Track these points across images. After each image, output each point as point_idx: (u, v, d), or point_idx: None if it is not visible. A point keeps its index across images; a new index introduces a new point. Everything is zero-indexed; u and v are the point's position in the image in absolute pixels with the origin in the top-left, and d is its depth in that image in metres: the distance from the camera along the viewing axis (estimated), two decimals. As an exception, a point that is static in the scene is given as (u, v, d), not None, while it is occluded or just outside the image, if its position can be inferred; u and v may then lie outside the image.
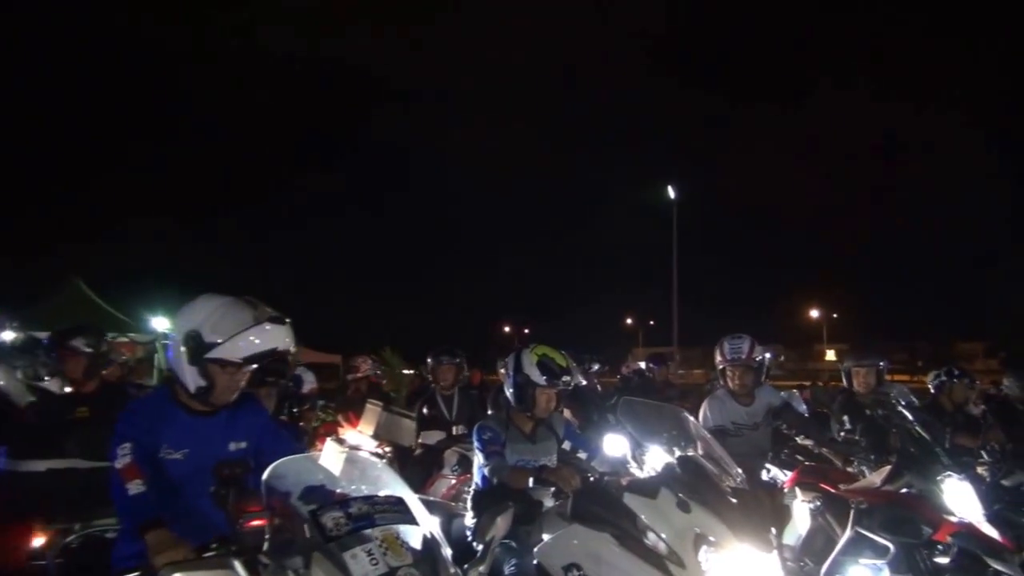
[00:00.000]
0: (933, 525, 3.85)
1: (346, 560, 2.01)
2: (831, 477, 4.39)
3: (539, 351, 3.92)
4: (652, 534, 2.90)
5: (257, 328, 2.56)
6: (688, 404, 6.02)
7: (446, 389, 6.74)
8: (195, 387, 2.60)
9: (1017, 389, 7.22)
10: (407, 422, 6.04)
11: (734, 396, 5.09)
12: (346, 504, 2.15)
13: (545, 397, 3.86)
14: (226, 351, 2.54)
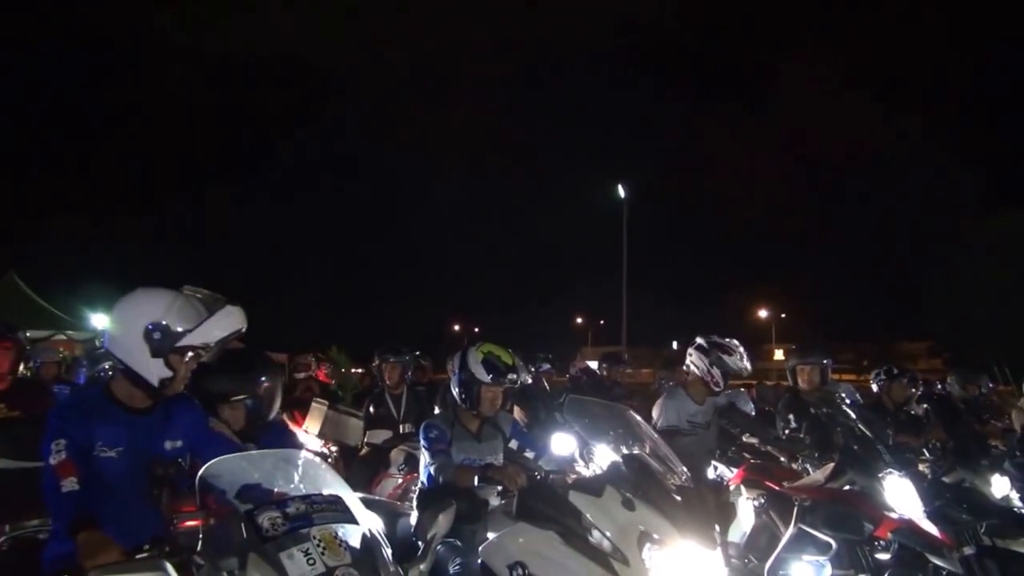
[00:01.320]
0: (874, 522, 3.97)
1: (282, 560, 2.00)
2: (776, 475, 4.50)
3: (484, 349, 3.94)
4: (597, 532, 2.94)
5: (222, 312, 2.63)
6: (634, 403, 6.11)
7: (394, 388, 6.74)
8: (159, 379, 2.59)
9: (959, 388, 7.50)
10: (353, 421, 6.02)
11: (689, 394, 5.20)
12: (283, 503, 2.14)
13: (491, 395, 3.89)
14: (198, 337, 2.59)
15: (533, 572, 2.96)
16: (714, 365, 5.13)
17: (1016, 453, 5.80)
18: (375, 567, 2.15)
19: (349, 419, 6.00)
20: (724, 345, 5.18)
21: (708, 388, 5.18)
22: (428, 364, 9.76)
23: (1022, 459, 5.70)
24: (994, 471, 5.05)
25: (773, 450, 4.87)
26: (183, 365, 2.61)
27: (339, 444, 6.01)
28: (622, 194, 27.46)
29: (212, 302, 2.66)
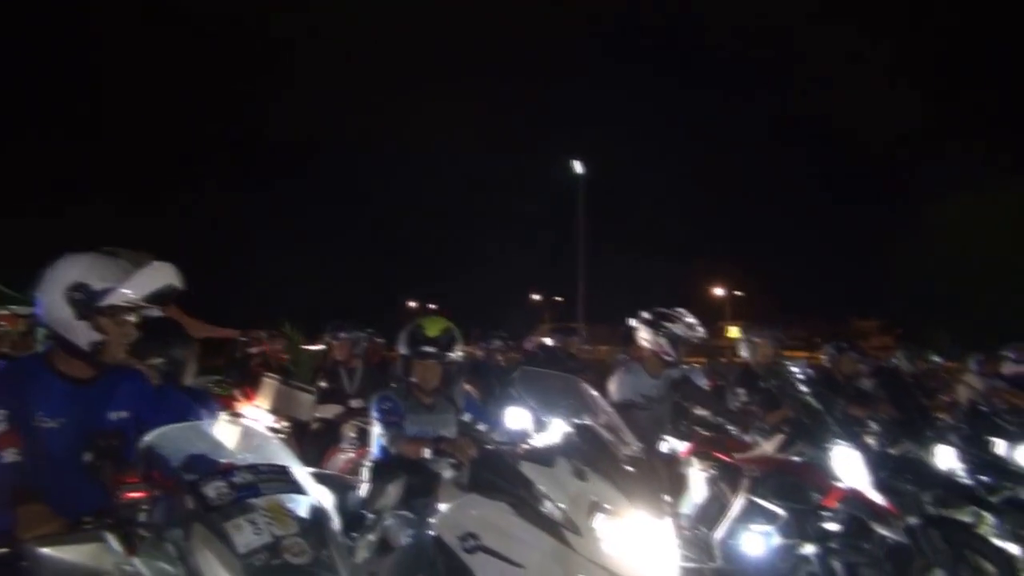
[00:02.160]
0: (822, 492, 4.11)
1: (228, 530, 1.99)
2: (727, 447, 4.60)
3: (419, 322, 3.98)
4: (548, 502, 2.98)
5: (148, 267, 2.56)
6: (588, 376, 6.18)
7: (348, 363, 6.74)
8: (89, 343, 2.53)
9: (907, 363, 7.73)
10: (305, 396, 6.01)
11: (645, 368, 5.28)
12: (229, 473, 2.13)
13: (421, 368, 3.94)
14: (122, 295, 2.51)
15: (485, 543, 2.99)
16: (660, 335, 5.22)
17: (961, 426, 6.01)
18: (323, 537, 2.16)
19: (300, 394, 6.00)
20: (667, 314, 5.28)
21: (660, 359, 5.27)
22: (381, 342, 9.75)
23: (966, 431, 5.92)
24: (939, 443, 5.23)
25: (725, 422, 4.98)
26: (113, 327, 2.55)
27: (291, 419, 6.00)
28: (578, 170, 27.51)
29: (138, 260, 2.60)
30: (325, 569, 2.09)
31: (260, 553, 2.01)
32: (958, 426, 5.99)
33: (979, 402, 7.08)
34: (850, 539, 4.27)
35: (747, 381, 5.55)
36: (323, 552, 2.13)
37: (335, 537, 2.21)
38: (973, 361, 9.26)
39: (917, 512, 4.64)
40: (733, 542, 4.19)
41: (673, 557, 3.07)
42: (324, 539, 2.16)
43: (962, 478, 5.37)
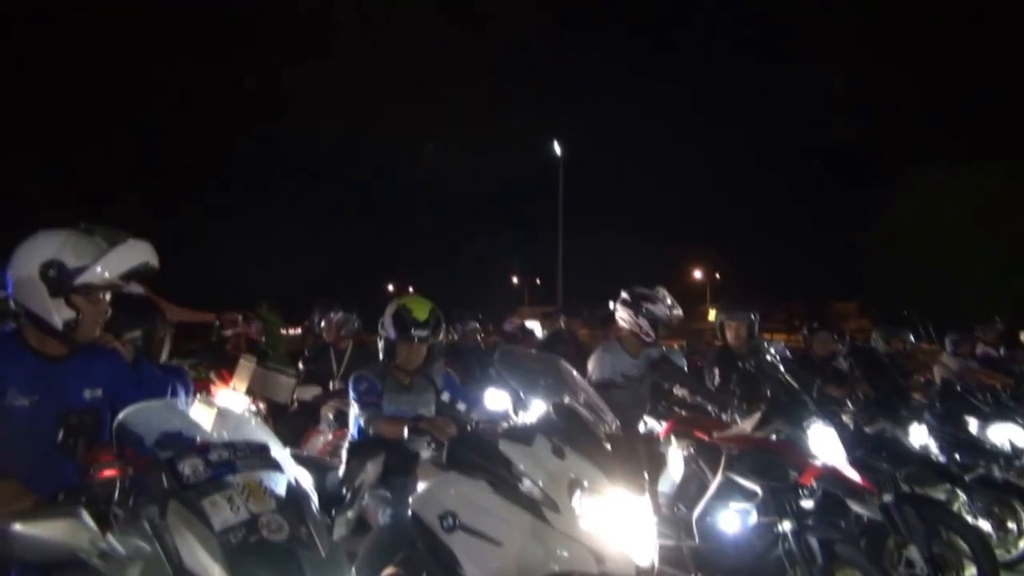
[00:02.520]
0: (799, 469, 4.16)
1: (204, 507, 1.99)
2: (705, 425, 4.65)
3: (401, 302, 3.98)
4: (527, 480, 3.00)
5: (124, 245, 2.54)
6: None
7: (337, 344, 6.75)
8: (62, 321, 2.51)
9: (883, 343, 7.85)
10: (283, 378, 6.00)
11: (625, 348, 5.32)
12: (205, 450, 2.13)
13: (406, 349, 3.95)
14: (96, 274, 2.49)
15: (464, 521, 3.01)
16: (640, 316, 5.26)
17: (935, 404, 6.13)
18: (301, 514, 2.16)
19: (278, 376, 5.98)
20: (647, 295, 5.32)
21: (640, 340, 5.31)
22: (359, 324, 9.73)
23: (941, 410, 6.03)
24: (913, 422, 5.32)
25: (703, 401, 5.03)
26: (88, 306, 2.54)
27: (268, 401, 5.98)
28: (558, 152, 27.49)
29: (113, 237, 2.56)
30: (303, 546, 2.09)
31: (237, 530, 2.01)
32: (933, 405, 6.10)
33: (953, 382, 7.21)
34: (826, 516, 4.33)
35: (723, 361, 5.62)
36: (301, 529, 2.13)
37: (313, 514, 2.22)
38: (948, 341, 9.42)
39: (892, 489, 4.72)
40: (711, 520, 4.25)
41: (651, 534, 3.10)
42: (302, 516, 2.17)
43: (936, 456, 5.48)
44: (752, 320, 5.93)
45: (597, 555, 2.87)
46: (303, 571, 2.05)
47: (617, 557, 2.90)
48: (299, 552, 2.07)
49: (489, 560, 2.95)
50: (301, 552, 2.08)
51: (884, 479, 4.72)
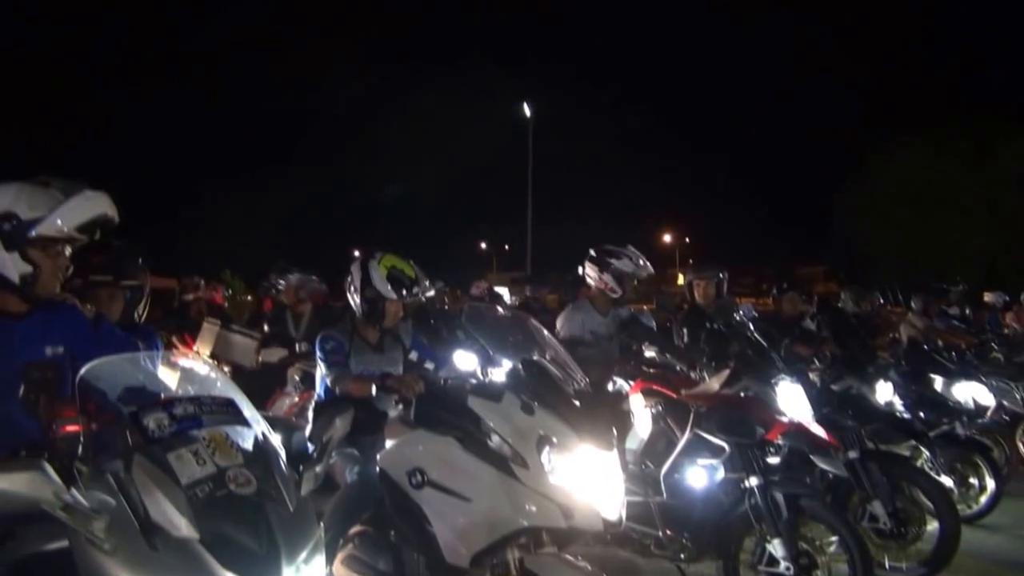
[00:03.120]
0: (766, 426, 4.26)
1: (170, 461, 2.00)
2: (673, 383, 4.73)
3: (387, 263, 3.98)
4: (496, 436, 3.04)
5: (80, 196, 2.50)
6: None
7: (295, 307, 6.72)
8: (19, 276, 2.48)
9: (852, 304, 8.00)
10: (248, 341, 5.96)
11: (594, 306, 5.38)
12: (170, 405, 2.13)
13: (394, 307, 3.99)
14: (52, 225, 2.46)
15: (432, 477, 3.05)
16: (605, 272, 5.33)
17: (901, 363, 6.28)
18: (268, 468, 2.18)
19: (242, 339, 5.94)
20: (612, 251, 5.39)
21: (608, 297, 5.37)
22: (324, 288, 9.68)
23: (906, 368, 6.19)
24: (879, 379, 5.45)
25: (672, 360, 5.11)
26: (46, 260, 2.51)
27: (232, 365, 5.96)
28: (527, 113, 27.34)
29: (70, 189, 2.52)
30: (271, 500, 2.12)
31: (204, 484, 2.03)
32: (899, 364, 6.25)
33: (919, 341, 7.39)
34: (792, 472, 4.45)
35: (692, 320, 5.70)
36: (269, 483, 2.16)
37: (281, 468, 2.24)
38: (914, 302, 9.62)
39: (857, 446, 4.86)
40: (678, 476, 4.34)
41: (619, 489, 3.16)
42: (270, 470, 2.19)
43: (901, 413, 5.62)
44: (721, 279, 6.02)
45: (565, 510, 2.92)
46: (271, 525, 2.07)
47: (585, 512, 2.96)
48: (267, 506, 2.10)
49: (458, 516, 3.00)
50: (269, 506, 2.10)
51: (850, 436, 4.86)
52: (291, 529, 2.12)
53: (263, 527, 2.05)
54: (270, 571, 2.00)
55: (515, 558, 2.92)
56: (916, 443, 5.58)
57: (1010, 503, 6.19)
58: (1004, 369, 7.57)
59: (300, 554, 2.11)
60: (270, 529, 2.06)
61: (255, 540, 2.03)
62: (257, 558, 2.01)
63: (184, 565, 1.92)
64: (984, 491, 5.92)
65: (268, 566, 2.00)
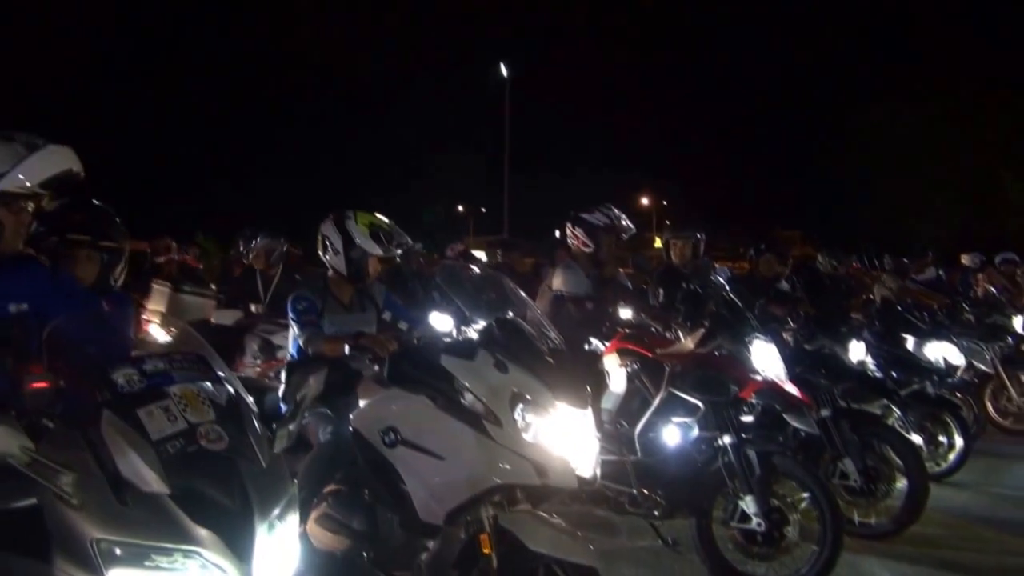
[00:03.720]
0: (740, 384, 4.33)
1: (140, 417, 2.01)
2: (648, 343, 4.77)
3: (364, 220, 3.96)
4: (469, 394, 3.05)
5: (43, 151, 2.45)
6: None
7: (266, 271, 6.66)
8: None
9: (828, 264, 8.09)
10: (201, 300, 5.83)
11: (581, 267, 5.40)
12: (140, 361, 2.13)
13: (374, 263, 3.98)
14: (14, 181, 2.41)
15: (405, 436, 3.06)
16: (577, 226, 5.35)
17: (875, 323, 6.37)
18: (241, 425, 2.19)
19: (196, 299, 5.79)
20: (589, 209, 5.40)
21: (591, 259, 5.39)
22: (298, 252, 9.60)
23: (879, 328, 6.28)
24: (852, 339, 5.53)
25: (647, 318, 5.15)
26: (9, 216, 2.47)
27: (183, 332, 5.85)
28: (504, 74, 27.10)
29: (33, 143, 2.47)
30: (243, 456, 2.13)
31: (174, 440, 2.04)
32: (872, 324, 6.35)
33: (893, 301, 7.50)
34: (765, 430, 4.53)
35: (668, 280, 5.75)
36: (241, 439, 2.17)
37: (253, 425, 2.25)
38: (888, 263, 9.76)
39: (829, 404, 4.95)
40: (653, 435, 4.40)
41: (593, 447, 3.20)
42: (242, 427, 2.20)
43: (873, 372, 5.72)
44: (698, 239, 6.07)
45: (539, 467, 2.95)
46: (243, 481, 2.09)
47: (559, 469, 2.99)
48: (239, 462, 2.11)
49: (431, 474, 3.02)
50: (241, 462, 2.12)
51: (822, 394, 4.95)
52: (264, 485, 2.14)
53: (235, 483, 2.07)
54: (242, 526, 2.02)
55: (489, 515, 2.95)
56: (887, 402, 5.68)
57: (977, 461, 6.36)
58: (974, 329, 7.70)
59: (273, 510, 2.13)
60: (242, 485, 2.08)
61: (227, 496, 2.05)
62: (229, 513, 2.03)
63: (154, 520, 1.93)
64: (952, 449, 6.07)
65: (240, 521, 2.02)
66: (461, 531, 3.05)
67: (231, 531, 1.99)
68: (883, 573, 4.52)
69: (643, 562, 4.52)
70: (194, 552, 1.94)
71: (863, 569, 4.53)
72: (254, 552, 2.01)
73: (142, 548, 1.91)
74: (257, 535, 2.03)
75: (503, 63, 27.14)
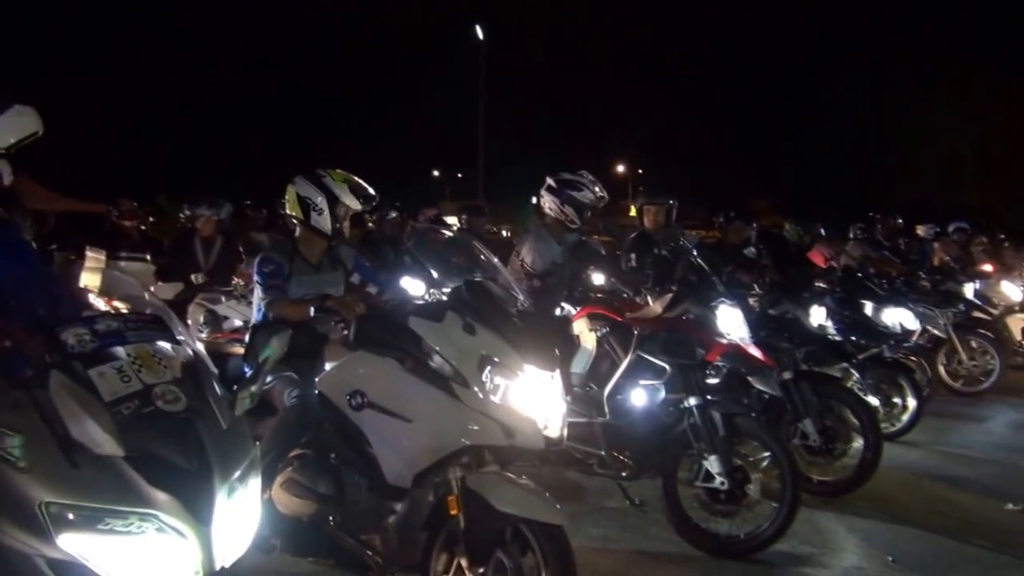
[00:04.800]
0: (706, 347, 4.28)
1: (92, 377, 1.89)
2: (618, 307, 4.71)
3: (339, 177, 3.82)
4: (437, 356, 2.97)
5: (10, 112, 2.35)
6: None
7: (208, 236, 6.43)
8: None
9: (795, 233, 8.07)
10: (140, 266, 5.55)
11: (552, 235, 5.28)
12: (92, 320, 2.01)
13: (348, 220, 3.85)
14: None
15: (373, 399, 2.97)
16: (566, 203, 5.20)
17: (836, 289, 6.36)
18: (200, 385, 2.09)
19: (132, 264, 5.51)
20: (572, 181, 5.24)
21: (565, 227, 5.27)
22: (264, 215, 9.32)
23: (840, 294, 6.27)
24: (814, 304, 5.52)
25: (618, 283, 5.07)
26: None
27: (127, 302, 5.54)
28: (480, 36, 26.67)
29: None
30: (202, 416, 2.03)
31: (129, 401, 1.93)
32: (834, 290, 6.34)
33: (854, 268, 7.51)
34: (729, 392, 4.50)
35: (639, 246, 5.68)
36: (200, 400, 2.07)
37: (213, 386, 2.15)
38: (852, 232, 9.77)
39: (792, 367, 4.94)
40: (621, 397, 4.35)
41: (561, 408, 3.14)
42: (201, 387, 2.10)
43: (833, 336, 5.72)
44: (671, 206, 5.99)
45: (507, 428, 2.89)
46: (202, 442, 1.99)
47: (527, 430, 2.93)
48: (197, 423, 2.01)
49: (399, 437, 2.94)
50: (199, 423, 2.01)
51: (785, 358, 4.94)
52: (224, 447, 2.04)
53: (193, 444, 1.97)
54: (201, 488, 1.92)
55: (457, 477, 2.88)
56: (846, 365, 5.69)
57: (929, 422, 6.46)
58: (929, 296, 7.78)
59: (233, 473, 2.03)
60: (201, 447, 1.98)
61: (185, 458, 1.94)
62: (187, 475, 1.92)
63: (108, 482, 1.83)
64: (906, 410, 6.13)
65: (199, 483, 1.92)
66: (429, 493, 2.98)
67: (189, 493, 1.90)
68: (839, 528, 4.54)
69: (610, 522, 4.49)
70: (150, 515, 1.84)
71: (820, 524, 4.55)
72: (213, 515, 1.92)
73: (95, 511, 1.81)
74: (217, 498, 1.94)
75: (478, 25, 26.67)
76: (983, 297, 9.08)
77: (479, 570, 2.79)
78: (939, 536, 4.46)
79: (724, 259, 5.95)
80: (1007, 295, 9.54)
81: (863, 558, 4.16)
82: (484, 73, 26.68)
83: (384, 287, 4.02)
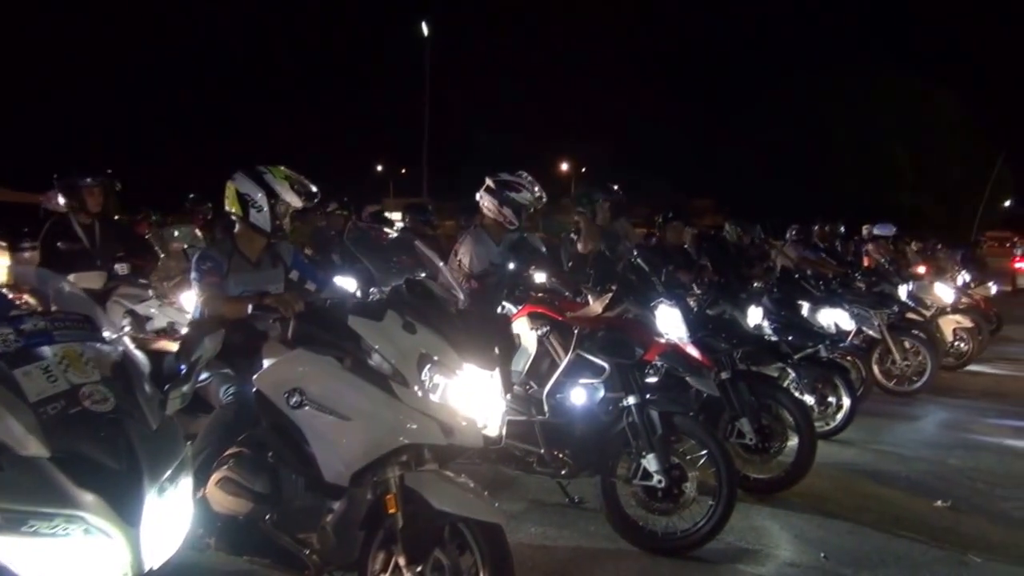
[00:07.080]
0: (645, 347, 4.36)
1: (16, 377, 1.86)
2: (559, 306, 4.76)
3: (280, 174, 3.79)
4: (376, 355, 2.97)
5: None
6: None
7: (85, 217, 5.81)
8: None
9: (734, 235, 8.24)
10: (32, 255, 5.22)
11: (490, 236, 5.29)
12: (17, 320, 1.98)
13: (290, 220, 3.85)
14: None
15: (311, 397, 2.96)
16: (504, 204, 5.23)
17: (773, 290, 6.52)
18: (129, 385, 2.07)
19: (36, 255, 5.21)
20: (511, 182, 5.28)
21: (503, 228, 5.30)
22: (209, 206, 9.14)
23: (778, 295, 6.43)
24: (751, 304, 5.64)
25: (558, 283, 5.12)
26: None
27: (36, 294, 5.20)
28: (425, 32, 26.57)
29: None
30: (130, 417, 2.01)
31: (55, 401, 1.91)
32: (771, 291, 6.49)
33: (792, 269, 7.71)
34: (668, 392, 4.59)
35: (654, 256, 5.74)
36: (128, 400, 2.05)
37: (143, 386, 2.13)
38: (789, 233, 10.02)
39: (729, 367, 5.06)
40: (560, 396, 4.40)
41: (500, 407, 3.17)
42: (130, 387, 2.08)
43: (770, 337, 5.86)
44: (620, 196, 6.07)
45: (446, 427, 2.90)
46: (131, 443, 1.97)
47: (465, 429, 2.94)
48: (126, 423, 1.99)
49: (337, 435, 2.93)
50: (129, 423, 2.00)
51: (722, 357, 5.04)
52: (153, 448, 2.02)
53: (122, 445, 1.95)
54: (130, 489, 1.90)
55: (395, 475, 2.89)
56: (783, 365, 5.86)
57: (863, 420, 6.67)
58: (864, 297, 8.01)
59: (164, 473, 2.02)
60: (130, 447, 1.96)
61: (113, 458, 1.92)
62: (115, 476, 1.91)
63: (32, 483, 1.80)
64: (841, 409, 6.33)
65: (127, 484, 1.91)
66: (367, 492, 2.98)
67: (118, 494, 1.88)
68: (774, 525, 4.66)
69: (549, 520, 4.54)
70: (77, 516, 1.82)
71: (756, 521, 4.67)
72: (142, 516, 1.90)
73: (18, 514, 1.78)
74: (146, 498, 1.92)
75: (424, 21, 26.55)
76: (916, 299, 9.40)
77: (417, 569, 2.80)
78: (870, 532, 4.59)
79: (664, 259, 6.05)
80: (940, 297, 9.90)
81: (797, 554, 4.28)
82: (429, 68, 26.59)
83: (322, 285, 4.00)
